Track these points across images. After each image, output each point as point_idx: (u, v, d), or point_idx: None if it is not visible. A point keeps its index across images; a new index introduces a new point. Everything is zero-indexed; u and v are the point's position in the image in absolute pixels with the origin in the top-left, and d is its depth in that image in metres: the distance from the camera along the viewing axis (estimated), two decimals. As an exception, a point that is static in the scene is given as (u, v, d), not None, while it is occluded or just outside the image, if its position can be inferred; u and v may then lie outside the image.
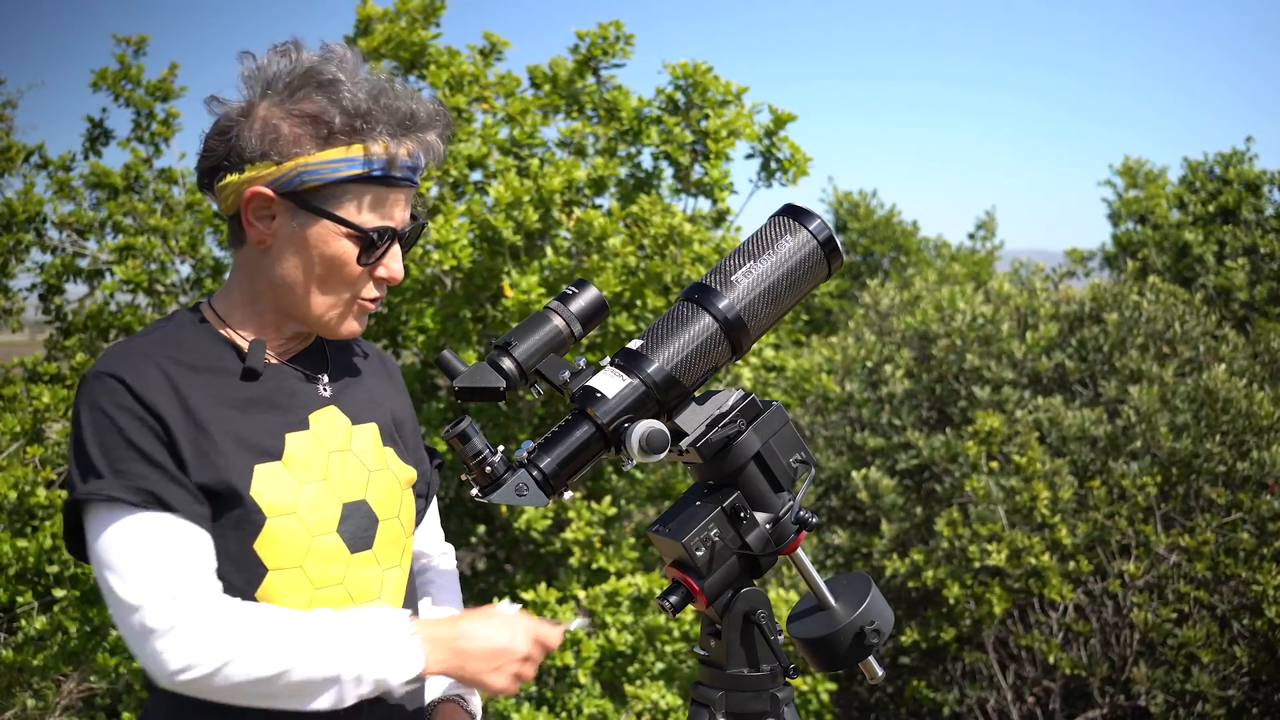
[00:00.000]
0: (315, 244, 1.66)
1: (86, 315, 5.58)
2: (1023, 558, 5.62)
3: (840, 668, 1.82)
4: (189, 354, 1.67)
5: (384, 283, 1.74)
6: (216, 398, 1.65)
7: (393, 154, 1.64)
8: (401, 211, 1.70)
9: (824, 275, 1.87)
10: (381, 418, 1.84)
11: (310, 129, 1.63)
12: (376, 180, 1.65)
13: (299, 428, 1.71)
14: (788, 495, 1.81)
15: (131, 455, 1.57)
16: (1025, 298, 7.18)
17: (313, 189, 1.64)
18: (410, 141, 1.67)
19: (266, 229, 1.67)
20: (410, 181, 1.69)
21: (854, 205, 12.91)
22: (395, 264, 1.72)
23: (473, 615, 1.70)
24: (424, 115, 1.68)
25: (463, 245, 4.83)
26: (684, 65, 5.44)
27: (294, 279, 1.68)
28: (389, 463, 1.82)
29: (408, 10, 5.65)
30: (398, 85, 1.70)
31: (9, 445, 4.99)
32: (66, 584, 4.64)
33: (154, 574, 1.55)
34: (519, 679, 1.70)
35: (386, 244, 1.70)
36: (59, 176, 5.66)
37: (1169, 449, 5.95)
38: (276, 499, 1.65)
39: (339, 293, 1.70)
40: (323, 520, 1.69)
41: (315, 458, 1.71)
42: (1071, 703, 6.28)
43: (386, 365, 1.96)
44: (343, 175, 1.63)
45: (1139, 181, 10.25)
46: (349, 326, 1.74)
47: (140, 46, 5.66)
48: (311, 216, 1.65)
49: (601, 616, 4.80)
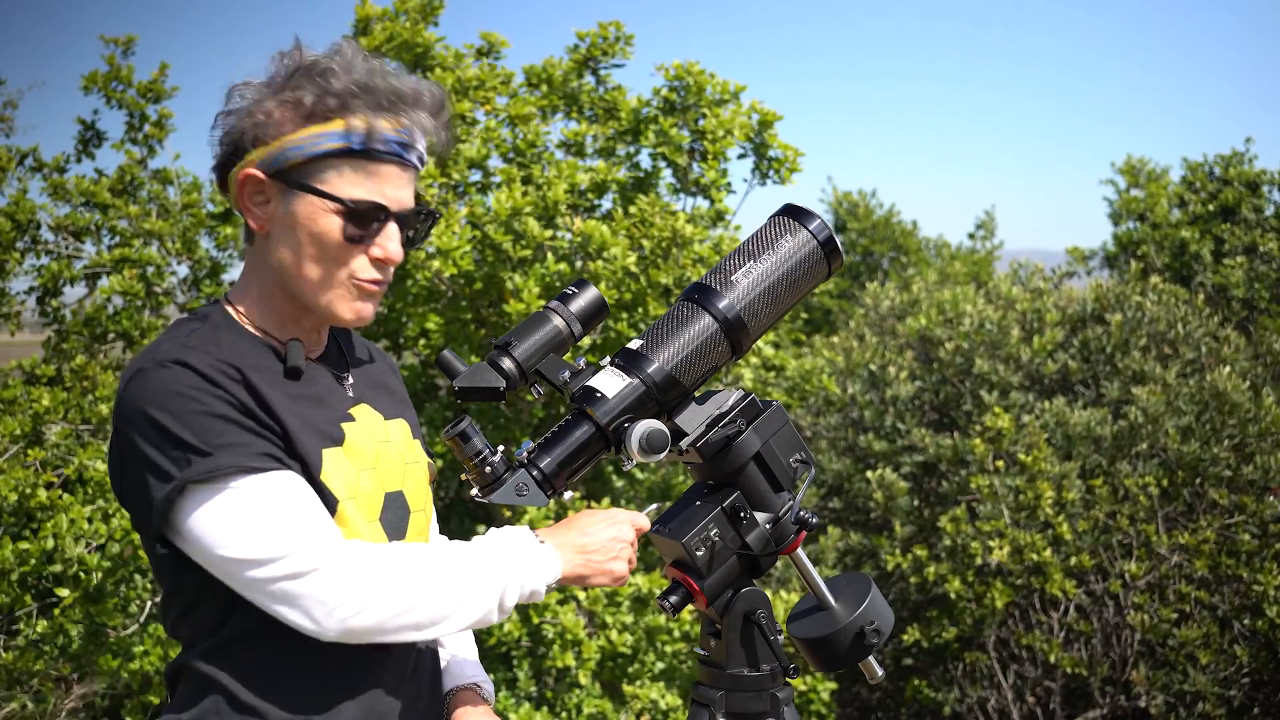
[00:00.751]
0: (304, 222, 1.65)
1: (84, 318, 5.58)
2: (1025, 554, 5.62)
3: (840, 668, 1.82)
4: (231, 353, 1.66)
5: (381, 264, 1.69)
6: (277, 389, 1.65)
7: (373, 126, 1.63)
8: (395, 190, 1.67)
9: (824, 275, 1.86)
10: (408, 413, 1.86)
11: (294, 110, 1.64)
12: (359, 154, 1.64)
13: (349, 419, 1.72)
14: (788, 495, 1.80)
15: (229, 428, 1.56)
16: (1030, 300, 7.18)
17: (297, 165, 1.64)
18: (396, 117, 1.65)
19: (263, 214, 1.68)
20: (398, 157, 1.66)
21: (853, 205, 12.92)
22: (391, 244, 1.68)
23: (581, 517, 1.79)
24: (410, 92, 1.67)
25: (463, 252, 4.83)
26: (677, 66, 5.43)
27: (290, 261, 1.68)
28: (419, 455, 1.83)
29: (406, 9, 5.64)
30: (391, 68, 1.70)
31: (9, 448, 4.98)
32: (70, 583, 4.64)
33: (291, 525, 1.55)
34: (630, 563, 1.79)
35: (380, 222, 1.67)
36: (54, 179, 5.66)
37: (1175, 451, 5.94)
38: (342, 483, 1.66)
39: (332, 272, 1.67)
40: (371, 508, 1.71)
41: (367, 445, 1.72)
42: (1072, 703, 6.27)
43: (388, 362, 1.97)
44: (322, 148, 1.63)
45: (1140, 181, 10.26)
46: (354, 309, 1.70)
47: (128, 47, 5.65)
48: (298, 194, 1.65)
49: (601, 617, 4.80)
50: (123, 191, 5.72)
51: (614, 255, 4.84)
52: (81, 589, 4.58)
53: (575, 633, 4.68)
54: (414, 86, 1.69)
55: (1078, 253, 10.48)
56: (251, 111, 1.66)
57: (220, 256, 5.76)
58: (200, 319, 1.73)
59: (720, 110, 5.45)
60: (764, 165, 5.54)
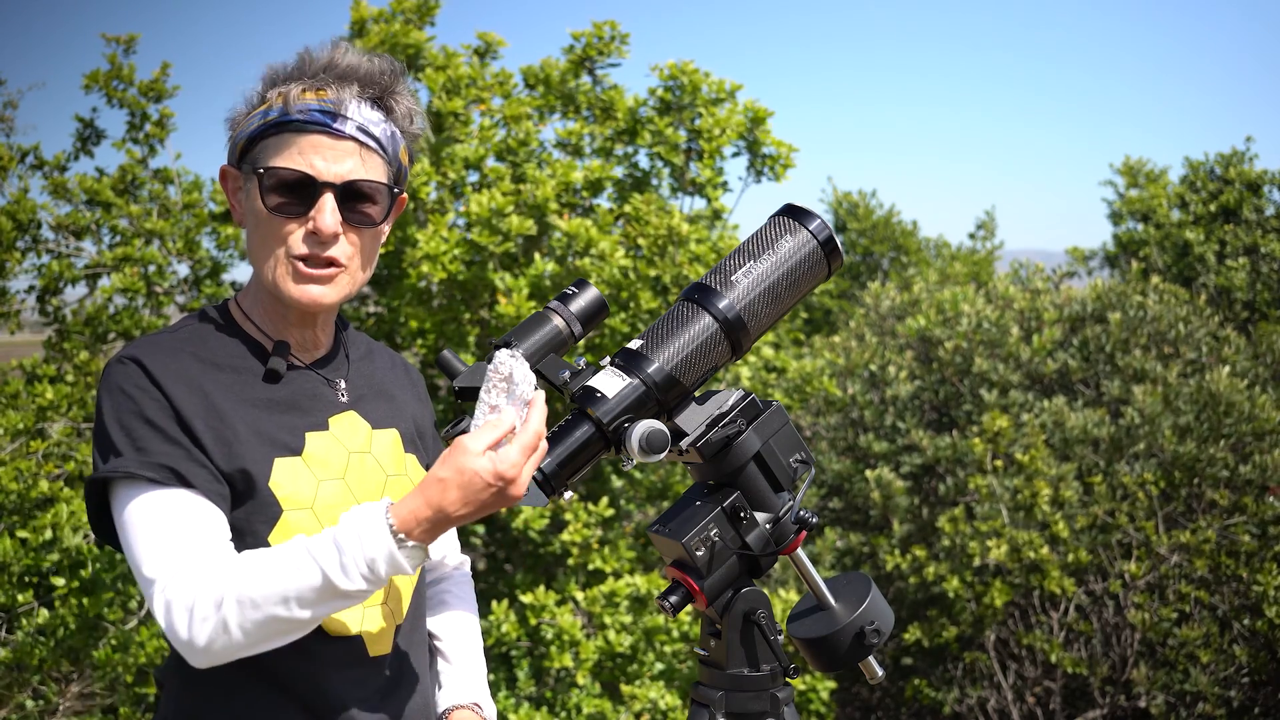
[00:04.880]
0: (253, 204, 1.68)
1: (85, 317, 5.58)
2: (1023, 552, 5.62)
3: (840, 668, 1.81)
4: (214, 352, 1.68)
5: (313, 237, 1.66)
6: (239, 395, 1.66)
7: (289, 96, 1.64)
8: (326, 162, 1.64)
9: (824, 275, 1.86)
10: (403, 424, 1.84)
11: (246, 102, 1.69)
12: (285, 127, 1.64)
13: (319, 428, 1.71)
14: (788, 495, 1.80)
15: (151, 434, 1.58)
16: (1029, 299, 7.18)
17: (242, 151, 1.68)
18: (320, 89, 1.65)
19: (240, 206, 1.72)
20: (324, 126, 1.64)
21: (853, 205, 12.91)
22: (322, 216, 1.63)
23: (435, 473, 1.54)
24: (343, 65, 1.68)
25: (452, 257, 4.83)
26: (671, 65, 5.43)
27: (250, 246, 1.71)
28: (408, 469, 1.81)
29: (403, 10, 5.63)
30: (345, 50, 1.71)
31: (11, 442, 4.99)
32: (66, 573, 4.64)
33: (171, 549, 1.54)
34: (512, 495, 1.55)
35: (310, 193, 1.64)
36: (55, 178, 5.66)
37: (1172, 452, 5.95)
38: (294, 492, 1.65)
39: (272, 248, 1.67)
40: (337, 519, 1.67)
41: (335, 456, 1.71)
42: (1072, 703, 6.27)
43: (410, 375, 1.96)
44: (254, 126, 1.66)
45: (1140, 181, 10.26)
46: (301, 291, 1.67)
47: (130, 46, 5.65)
48: (248, 179, 1.68)
49: (600, 617, 4.80)
50: (124, 191, 5.72)
51: (603, 251, 4.84)
52: (77, 579, 4.58)
53: (572, 633, 4.68)
54: (351, 61, 1.69)
55: (1078, 253, 10.48)
56: (234, 116, 1.72)
57: (221, 256, 5.76)
58: (199, 317, 1.75)
59: (716, 109, 5.44)
60: (758, 163, 5.54)
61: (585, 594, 4.85)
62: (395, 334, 5.56)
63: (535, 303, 4.83)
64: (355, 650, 1.70)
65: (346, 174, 1.66)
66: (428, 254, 4.84)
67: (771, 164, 5.51)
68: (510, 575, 5.56)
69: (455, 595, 2.01)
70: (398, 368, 1.93)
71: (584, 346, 4.90)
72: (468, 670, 1.92)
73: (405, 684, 1.78)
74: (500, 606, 4.80)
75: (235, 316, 1.75)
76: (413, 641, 1.82)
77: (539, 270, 4.90)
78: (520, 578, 5.31)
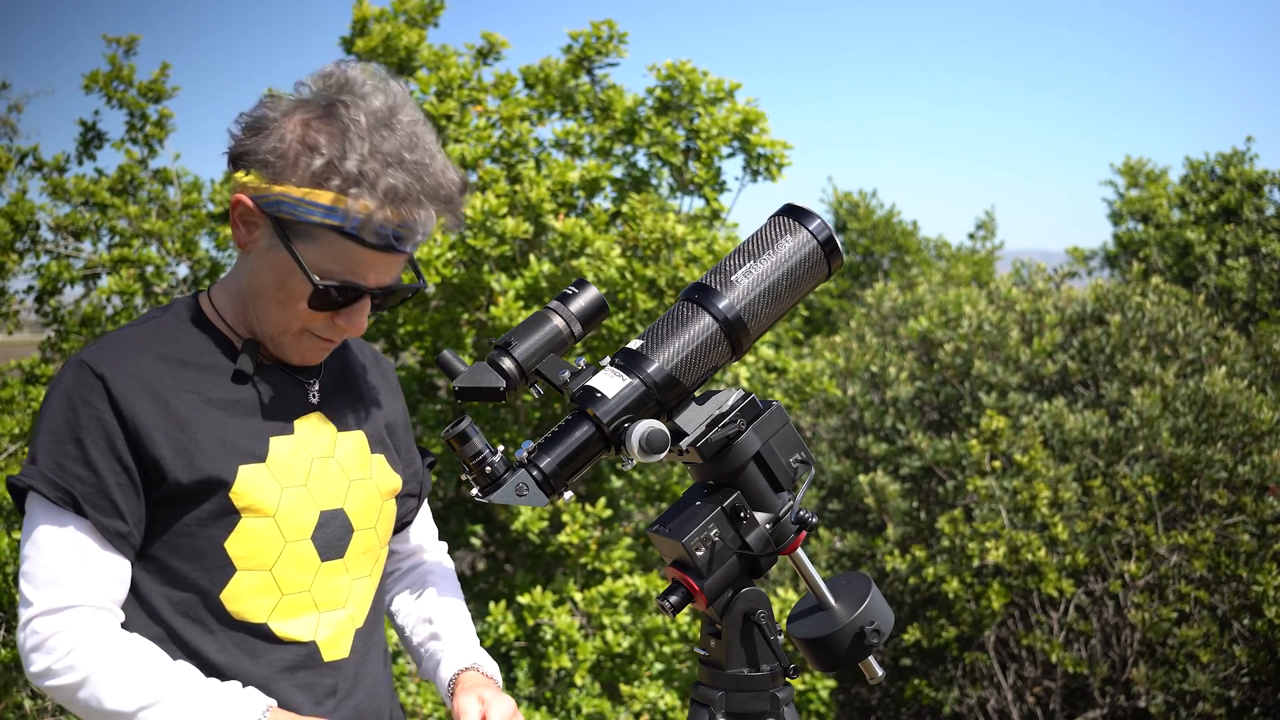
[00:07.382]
0: (281, 269, 1.63)
1: (82, 318, 5.57)
2: (1021, 554, 5.62)
3: (840, 668, 1.81)
4: (180, 350, 1.67)
5: (342, 332, 1.70)
6: (203, 397, 1.65)
7: (371, 218, 1.57)
8: (379, 274, 1.64)
9: (824, 275, 1.86)
10: (370, 425, 1.83)
11: (306, 160, 1.58)
12: (350, 236, 1.59)
13: (284, 432, 1.71)
14: (788, 495, 1.80)
15: (75, 453, 1.58)
16: (1031, 301, 7.18)
17: (289, 220, 1.60)
18: (401, 209, 1.58)
19: (249, 235, 1.66)
20: (390, 249, 1.61)
21: (854, 205, 12.91)
22: (357, 318, 1.67)
23: None
24: (429, 186, 1.60)
25: (445, 261, 4.83)
26: (669, 65, 5.42)
27: (258, 292, 1.67)
28: (373, 472, 1.81)
29: (405, 10, 5.63)
30: (423, 147, 1.61)
31: (8, 447, 4.98)
32: None
33: (54, 578, 1.56)
34: None
35: (351, 299, 1.65)
36: (54, 179, 5.65)
37: (1170, 454, 5.94)
38: (256, 500, 1.65)
39: (290, 323, 1.67)
40: (298, 526, 1.69)
41: (298, 462, 1.70)
42: (1072, 703, 6.27)
43: (382, 367, 1.95)
44: (315, 221, 1.59)
45: (1140, 181, 10.26)
46: (301, 355, 1.72)
47: (130, 47, 5.65)
48: (279, 234, 1.62)
49: (599, 618, 4.80)
50: (122, 191, 5.71)
51: (599, 250, 4.83)
52: None
53: (570, 634, 4.68)
54: (436, 177, 1.61)
55: (1078, 253, 10.48)
56: (270, 133, 1.61)
57: (220, 257, 5.75)
58: (166, 309, 1.73)
59: (714, 109, 5.44)
60: (753, 162, 5.54)
61: (583, 595, 4.85)
62: (393, 335, 5.56)
63: (526, 308, 4.82)
64: (309, 655, 1.71)
65: (388, 280, 1.66)
66: (420, 259, 4.83)
67: (766, 164, 5.50)
68: (510, 576, 5.56)
69: (438, 576, 2.03)
70: (368, 357, 1.92)
71: (582, 348, 4.90)
72: (461, 639, 1.93)
73: (360, 685, 1.78)
74: (498, 608, 4.80)
75: (206, 311, 1.73)
76: (371, 642, 1.82)
77: (535, 272, 4.90)
78: (520, 578, 5.30)
